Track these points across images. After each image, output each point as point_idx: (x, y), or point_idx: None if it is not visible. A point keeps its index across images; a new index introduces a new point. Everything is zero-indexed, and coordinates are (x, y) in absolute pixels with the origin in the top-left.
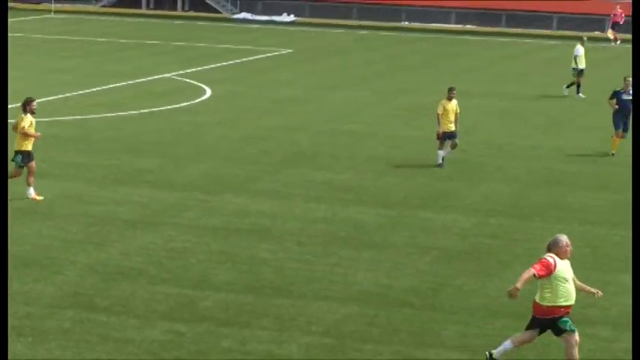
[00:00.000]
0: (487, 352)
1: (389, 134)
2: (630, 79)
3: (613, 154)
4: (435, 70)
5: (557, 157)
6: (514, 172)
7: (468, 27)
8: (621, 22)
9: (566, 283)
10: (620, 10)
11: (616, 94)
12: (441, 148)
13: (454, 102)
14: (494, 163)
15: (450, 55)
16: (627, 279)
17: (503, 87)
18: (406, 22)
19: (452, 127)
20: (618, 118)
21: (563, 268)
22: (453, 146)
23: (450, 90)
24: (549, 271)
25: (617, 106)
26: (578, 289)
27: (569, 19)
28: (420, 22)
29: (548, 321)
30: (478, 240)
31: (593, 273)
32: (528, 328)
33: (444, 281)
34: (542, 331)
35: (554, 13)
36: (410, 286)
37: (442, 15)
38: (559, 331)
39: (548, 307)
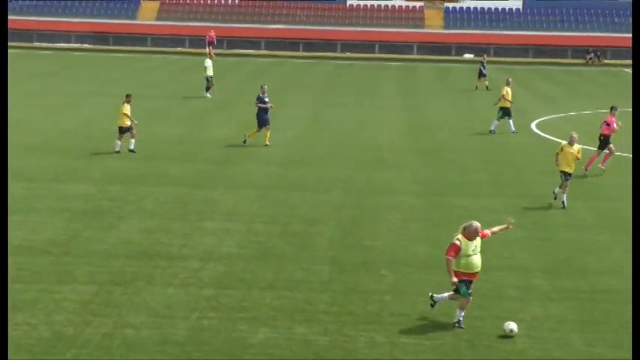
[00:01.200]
0: (430, 294)
1: (38, 127)
2: (266, 86)
3: (267, 145)
4: (61, 79)
5: (158, 139)
6: (125, 151)
7: (85, 45)
8: (215, 42)
9: (469, 257)
10: (213, 33)
11: (259, 98)
12: (120, 139)
13: (128, 105)
14: (111, 144)
15: (72, 67)
16: (210, 225)
17: (110, 88)
18: (37, 43)
19: (128, 123)
20: (262, 115)
21: (468, 246)
22: (133, 136)
23: (128, 96)
24: (458, 251)
25: (261, 105)
26: (496, 232)
27: (161, 39)
28: (48, 42)
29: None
30: (100, 202)
31: (186, 223)
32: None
33: (76, 234)
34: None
35: (149, 34)
36: (50, 239)
37: (63, 37)
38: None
39: (457, 271)
